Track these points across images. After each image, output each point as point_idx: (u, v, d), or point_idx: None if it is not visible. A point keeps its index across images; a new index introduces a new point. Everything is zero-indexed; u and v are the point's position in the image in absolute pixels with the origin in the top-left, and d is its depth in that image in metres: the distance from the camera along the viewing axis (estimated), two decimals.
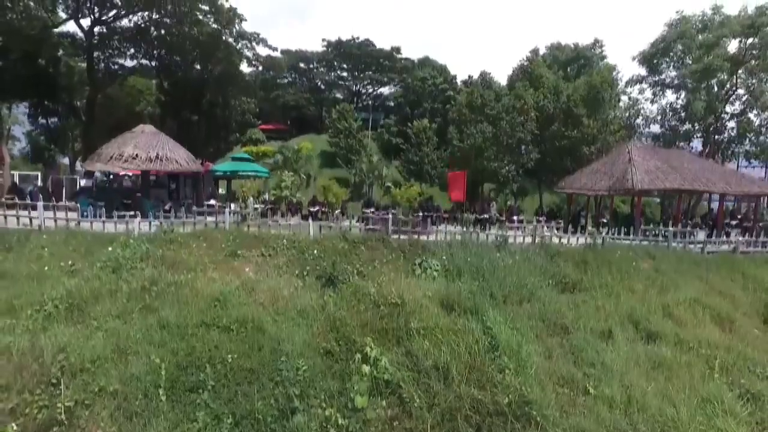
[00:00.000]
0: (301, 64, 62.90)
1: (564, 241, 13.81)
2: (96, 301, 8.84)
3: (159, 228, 11.67)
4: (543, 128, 30.92)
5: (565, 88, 31.11)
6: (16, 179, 29.15)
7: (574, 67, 43.36)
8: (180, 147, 16.18)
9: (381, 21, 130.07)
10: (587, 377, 8.46)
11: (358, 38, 58.79)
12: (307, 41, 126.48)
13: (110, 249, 10.48)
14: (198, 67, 27.42)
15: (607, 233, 19.20)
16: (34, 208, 18.04)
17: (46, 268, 9.72)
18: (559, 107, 30.48)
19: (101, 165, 14.11)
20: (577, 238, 13.83)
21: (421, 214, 24.55)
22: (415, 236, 13.14)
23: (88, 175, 23.17)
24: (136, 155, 14.21)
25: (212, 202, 19.23)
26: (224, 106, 28.56)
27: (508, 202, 36.61)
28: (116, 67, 26.49)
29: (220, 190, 35.77)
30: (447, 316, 9.76)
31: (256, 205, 18.30)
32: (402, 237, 13.08)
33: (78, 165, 30.21)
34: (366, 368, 8.02)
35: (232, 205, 15.93)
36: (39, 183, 26.63)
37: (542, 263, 12.23)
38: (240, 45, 25.39)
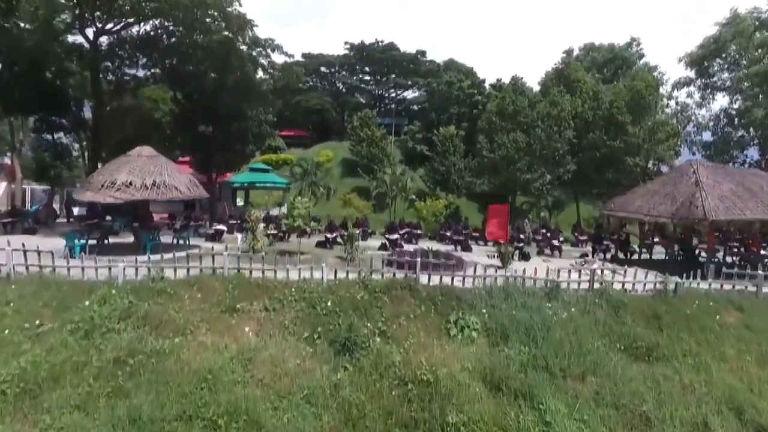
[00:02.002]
0: (323, 69, 61.50)
1: (628, 286, 11.53)
2: (56, 382, 7.14)
3: (147, 275, 9.95)
4: (581, 137, 28.40)
5: (605, 94, 28.48)
6: (29, 194, 28.29)
7: (611, 69, 40.59)
8: (181, 172, 14.53)
9: (403, 22, 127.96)
10: None
11: (381, 42, 57.05)
12: (327, 42, 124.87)
13: (87, 304, 8.82)
14: (212, 75, 25.99)
15: (669, 258, 16.93)
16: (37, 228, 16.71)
17: (6, 331, 8.09)
18: (599, 114, 27.90)
19: (91, 194, 12.55)
20: (644, 284, 11.51)
21: (448, 234, 22.51)
22: (448, 280, 11.08)
23: None
24: (131, 183, 12.58)
25: (221, 227, 17.63)
26: (240, 117, 27.04)
27: (542, 214, 34.21)
28: (128, 78, 25.29)
29: (238, 201, 34.53)
30: (493, 399, 7.73)
31: (268, 232, 16.55)
32: (432, 278, 11.06)
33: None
34: None
35: (239, 237, 14.18)
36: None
37: (604, 318, 10.03)
38: (254, 53, 23.80)
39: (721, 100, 31.12)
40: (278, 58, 26.79)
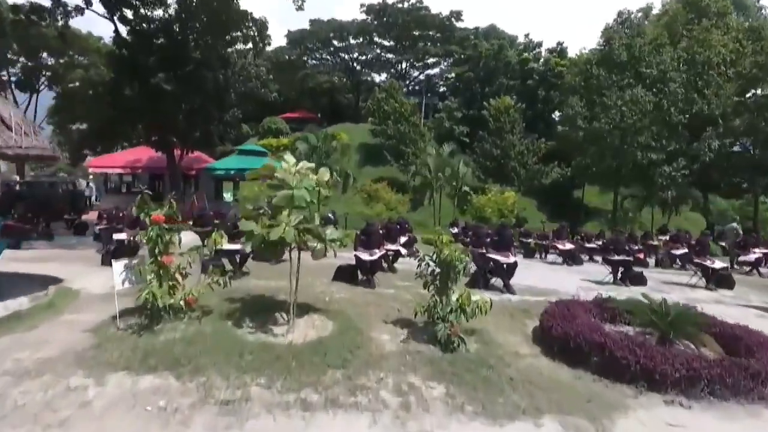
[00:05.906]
0: (335, 41, 51.85)
1: None
2: None
3: None
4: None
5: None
6: None
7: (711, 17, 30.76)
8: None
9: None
10: None
11: None
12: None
13: None
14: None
15: None
16: None
17: None
18: (758, 61, 18.17)
19: None
20: None
21: (559, 245, 13.07)
22: None
23: None
24: None
25: (121, 235, 8.14)
26: (215, 63, 17.75)
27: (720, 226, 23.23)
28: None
29: (225, 195, 25.56)
30: None
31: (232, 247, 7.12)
32: None
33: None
34: None
35: (117, 273, 3.98)
36: None
37: None
38: None
39: None
40: None
